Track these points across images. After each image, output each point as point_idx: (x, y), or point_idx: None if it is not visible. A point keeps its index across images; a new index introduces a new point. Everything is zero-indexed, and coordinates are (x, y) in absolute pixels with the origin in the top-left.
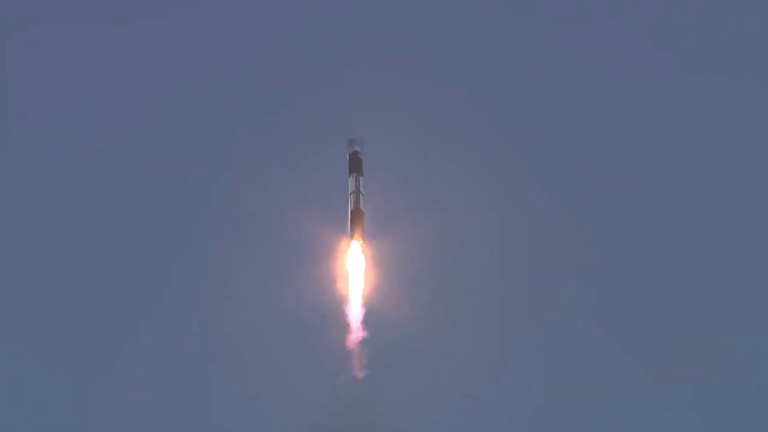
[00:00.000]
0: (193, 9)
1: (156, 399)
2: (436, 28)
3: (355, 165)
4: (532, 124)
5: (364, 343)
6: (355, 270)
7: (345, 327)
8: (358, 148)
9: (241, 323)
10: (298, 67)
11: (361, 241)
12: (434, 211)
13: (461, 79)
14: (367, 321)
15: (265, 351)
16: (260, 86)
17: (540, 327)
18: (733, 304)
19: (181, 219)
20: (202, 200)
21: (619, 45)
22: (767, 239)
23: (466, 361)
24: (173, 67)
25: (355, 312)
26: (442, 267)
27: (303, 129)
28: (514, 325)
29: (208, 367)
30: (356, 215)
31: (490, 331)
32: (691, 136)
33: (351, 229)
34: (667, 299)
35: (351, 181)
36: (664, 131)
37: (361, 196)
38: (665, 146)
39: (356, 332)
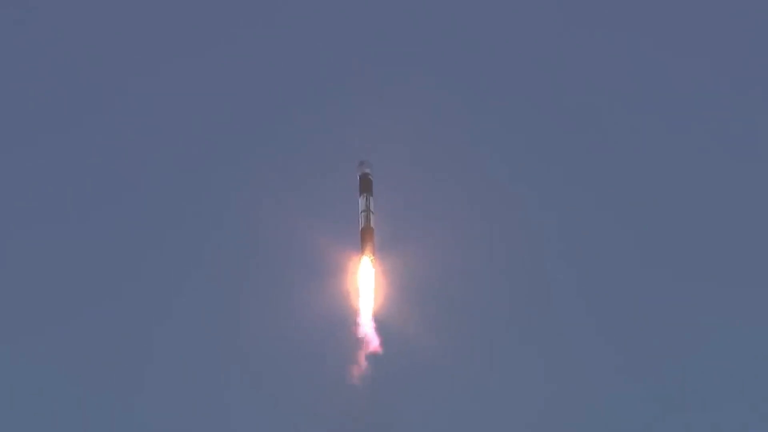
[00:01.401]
0: (207, 30)
1: (176, 405)
2: (443, 50)
3: (365, 185)
4: (537, 143)
5: (374, 353)
6: (366, 283)
7: (356, 337)
8: (367, 170)
9: (258, 334)
10: (311, 98)
11: (372, 257)
12: (441, 227)
13: (467, 101)
14: (378, 331)
15: (280, 361)
16: (277, 116)
17: (546, 337)
18: (723, 303)
19: (200, 236)
20: (222, 219)
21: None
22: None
23: (474, 371)
24: (187, 88)
25: (366, 323)
26: (448, 280)
27: (316, 152)
28: (520, 335)
29: (225, 376)
30: (367, 232)
31: (497, 341)
32: (686, 142)
33: (362, 245)
34: (665, 306)
35: (361, 201)
36: (660, 141)
37: (371, 214)
38: (660, 157)
39: (367, 342)
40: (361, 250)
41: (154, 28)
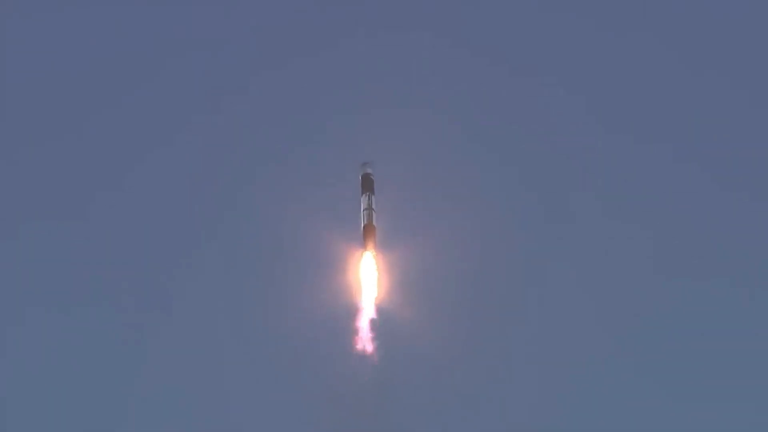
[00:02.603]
0: (209, 30)
1: (178, 398)
2: (445, 49)
3: (367, 184)
4: (538, 142)
5: (375, 343)
6: (368, 278)
7: (358, 328)
8: (369, 170)
9: (266, 326)
10: (315, 100)
11: (374, 253)
12: (440, 224)
13: (468, 101)
14: (378, 322)
15: (284, 352)
16: (282, 117)
17: (546, 333)
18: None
19: (205, 233)
20: (228, 217)
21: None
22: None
23: (473, 364)
24: (191, 88)
25: (367, 314)
26: (447, 275)
27: (320, 152)
28: (520, 331)
29: (228, 369)
30: (369, 229)
31: (496, 335)
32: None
33: (364, 241)
34: (664, 304)
35: (363, 199)
36: (660, 144)
37: (373, 212)
38: (660, 161)
39: (368, 333)
40: (364, 246)
41: (154, 29)
